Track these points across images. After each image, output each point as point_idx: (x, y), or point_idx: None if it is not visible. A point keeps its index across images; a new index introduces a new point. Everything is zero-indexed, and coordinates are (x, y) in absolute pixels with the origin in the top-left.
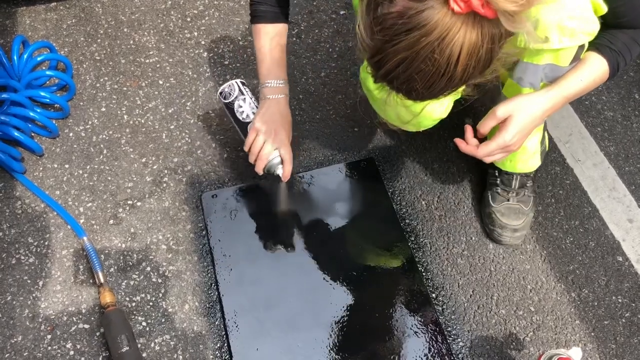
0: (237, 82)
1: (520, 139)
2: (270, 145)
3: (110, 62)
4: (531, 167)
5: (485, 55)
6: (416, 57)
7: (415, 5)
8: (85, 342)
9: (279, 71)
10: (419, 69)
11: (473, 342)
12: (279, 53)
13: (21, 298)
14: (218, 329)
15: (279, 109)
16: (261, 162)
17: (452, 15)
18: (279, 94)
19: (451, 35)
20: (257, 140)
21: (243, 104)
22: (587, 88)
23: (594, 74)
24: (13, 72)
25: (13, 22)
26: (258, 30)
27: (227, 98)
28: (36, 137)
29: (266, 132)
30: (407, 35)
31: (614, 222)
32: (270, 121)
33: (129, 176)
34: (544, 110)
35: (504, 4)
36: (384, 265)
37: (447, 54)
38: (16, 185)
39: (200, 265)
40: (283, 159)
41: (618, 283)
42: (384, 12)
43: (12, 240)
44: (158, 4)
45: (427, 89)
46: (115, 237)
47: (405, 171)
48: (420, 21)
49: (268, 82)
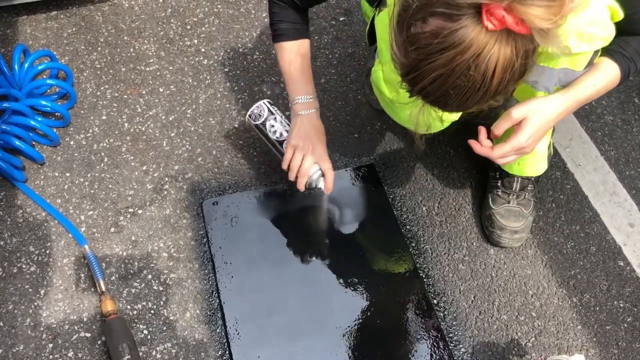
0: (265, 103)
1: (534, 142)
2: (310, 160)
3: (111, 70)
4: (539, 171)
5: (519, 68)
6: (452, 74)
7: (449, 25)
8: (87, 351)
9: (307, 86)
10: (454, 85)
11: (475, 348)
12: (305, 69)
13: (23, 307)
14: (219, 337)
15: (311, 123)
16: (303, 179)
17: (486, 32)
18: (310, 109)
19: (486, 52)
20: (295, 157)
21: (274, 122)
22: (599, 92)
23: (606, 79)
24: (14, 81)
25: (14, 31)
26: (282, 48)
27: (258, 119)
28: (37, 146)
29: (303, 147)
30: (442, 54)
31: (615, 226)
32: (306, 137)
33: (130, 184)
34: (557, 113)
35: (539, 23)
36: (385, 271)
37: (483, 70)
38: (17, 193)
39: (201, 272)
40: (324, 172)
41: (620, 288)
42: (417, 31)
43: (13, 249)
44: (158, 12)
45: (463, 103)
46: (116, 245)
47: (405, 177)
48: (455, 40)
49: (298, 98)
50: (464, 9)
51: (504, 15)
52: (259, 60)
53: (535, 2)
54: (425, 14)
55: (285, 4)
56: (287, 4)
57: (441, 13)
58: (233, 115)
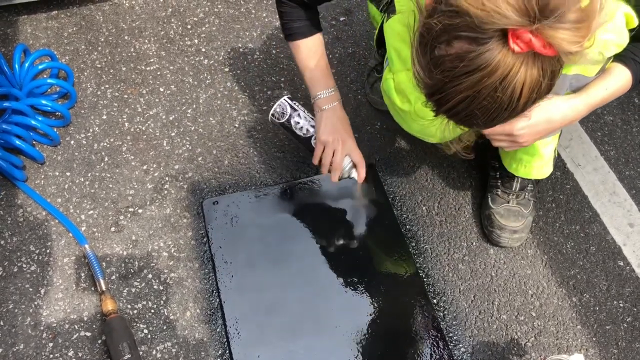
0: (286, 100)
1: (529, 136)
2: (340, 153)
3: (111, 70)
4: (545, 173)
5: (546, 88)
6: (478, 96)
7: (475, 48)
8: (87, 350)
9: (327, 80)
10: (481, 106)
11: (474, 348)
12: (322, 63)
13: (23, 306)
14: (219, 336)
15: (337, 116)
16: (337, 172)
17: (512, 55)
18: (333, 102)
19: (513, 74)
20: (326, 152)
21: (299, 119)
22: (610, 97)
23: (618, 84)
24: (14, 80)
25: (14, 31)
26: (297, 47)
27: (282, 118)
28: (37, 145)
29: (333, 142)
30: (468, 77)
31: (614, 226)
32: (333, 130)
33: (130, 184)
34: (564, 115)
35: (567, 46)
36: (384, 271)
37: (510, 92)
38: (18, 193)
39: (201, 272)
40: (355, 162)
41: (619, 288)
42: (442, 53)
43: (13, 248)
44: (158, 11)
45: (490, 122)
46: (116, 244)
47: (405, 177)
48: (482, 63)
49: (319, 93)
50: (490, 33)
51: (531, 38)
52: (260, 60)
53: (563, 26)
54: (450, 37)
55: (294, 3)
56: (296, 3)
57: (466, 37)
58: (233, 115)
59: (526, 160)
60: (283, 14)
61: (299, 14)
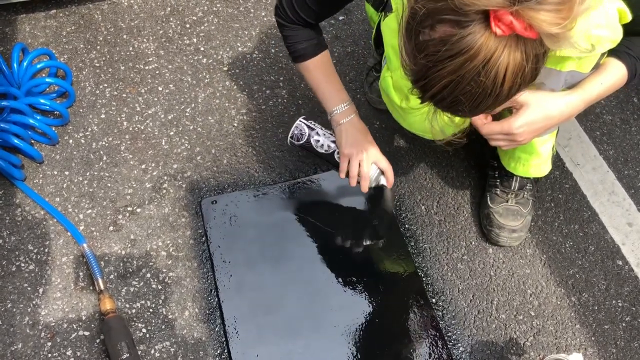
0: (302, 121)
1: (528, 133)
2: (366, 163)
3: (110, 68)
4: (543, 172)
5: (530, 72)
6: (462, 81)
7: (457, 31)
8: (86, 350)
9: (341, 94)
10: (465, 91)
11: (473, 347)
12: (333, 79)
13: (21, 305)
14: (218, 336)
15: (356, 128)
16: (366, 182)
17: (494, 38)
18: (350, 115)
19: (495, 58)
20: (352, 165)
21: (318, 137)
22: (606, 92)
23: (614, 79)
24: (13, 79)
25: (13, 30)
26: (306, 68)
27: (301, 139)
28: (36, 145)
29: (357, 154)
30: (451, 61)
31: (613, 226)
32: (355, 143)
33: (129, 183)
34: (561, 112)
35: (547, 27)
36: (383, 270)
37: (493, 76)
38: (16, 192)
39: (200, 271)
40: (382, 169)
41: (618, 287)
42: (426, 38)
43: (12, 247)
44: (157, 10)
45: (475, 108)
46: (115, 243)
47: (404, 176)
48: (464, 47)
49: (335, 109)
50: (472, 15)
51: (512, 20)
52: (258, 59)
53: (544, 7)
54: (433, 21)
55: (297, 25)
56: (299, 24)
57: (449, 20)
58: (232, 114)
59: (524, 158)
60: (287, 37)
61: (303, 35)
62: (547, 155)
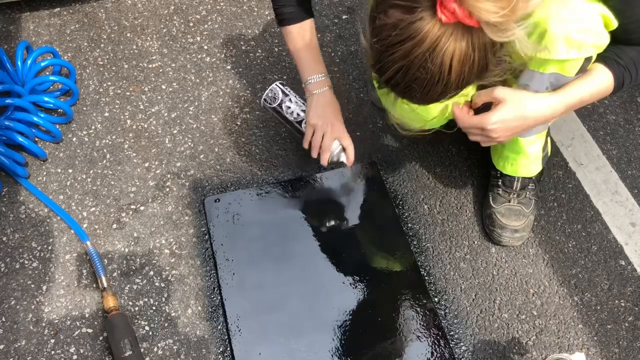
0: (278, 85)
1: (502, 131)
2: (329, 136)
3: (114, 67)
4: (532, 172)
5: (479, 62)
6: (411, 66)
7: (407, 17)
8: (89, 347)
9: (318, 65)
10: (415, 77)
11: (475, 346)
12: (313, 49)
13: (25, 302)
14: (221, 333)
15: (327, 100)
16: (326, 155)
17: (441, 25)
18: (323, 87)
19: (441, 45)
20: (315, 135)
21: (290, 104)
22: (590, 99)
23: (599, 86)
24: (17, 77)
25: (17, 28)
26: (288, 32)
27: (273, 102)
28: (40, 142)
29: (322, 126)
30: (401, 46)
31: (616, 225)
32: (323, 115)
33: (132, 181)
34: (538, 112)
35: (485, 16)
36: (386, 269)
37: (439, 63)
38: (20, 189)
39: (203, 269)
40: (344, 146)
41: (621, 287)
42: (381, 24)
43: (15, 244)
44: (161, 9)
45: (426, 95)
46: (118, 241)
47: (407, 175)
48: (412, 32)
49: (310, 78)
50: (421, 2)
51: (455, 8)
52: (262, 58)
53: None
54: (386, 6)
55: None
56: None
57: (400, 5)
58: (235, 112)
59: (512, 158)
60: None
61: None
62: (535, 156)
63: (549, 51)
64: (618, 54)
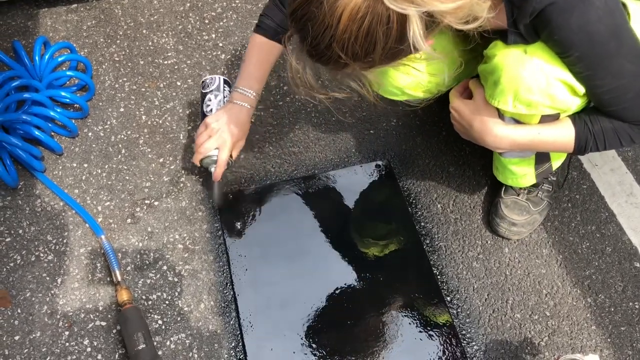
0: (221, 78)
1: (455, 120)
2: (213, 142)
3: (129, 63)
4: (522, 184)
5: (367, 30)
6: (311, 2)
7: None
8: (102, 339)
9: (256, 84)
10: (311, 14)
11: (488, 346)
12: (263, 69)
13: (40, 295)
14: (233, 329)
15: (238, 115)
16: (198, 155)
17: None
18: (245, 103)
19: None
20: (202, 134)
21: (213, 99)
22: (543, 145)
23: (555, 137)
24: (35, 72)
25: (35, 24)
26: (254, 41)
27: (205, 88)
28: (56, 137)
29: (214, 129)
30: None
31: (631, 227)
32: (223, 122)
33: (147, 176)
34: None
35: None
36: (398, 267)
37: (332, 4)
38: (36, 183)
39: (216, 264)
40: (218, 160)
41: (635, 289)
42: None
43: (31, 237)
44: (177, 6)
45: (314, 40)
46: (132, 235)
47: (420, 174)
48: None
49: (241, 88)
50: None
51: None
52: None
53: None
54: None
55: (282, 5)
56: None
57: None
58: None
59: (500, 169)
60: (266, 8)
61: (278, 17)
62: (522, 174)
63: (498, 101)
64: (592, 120)
